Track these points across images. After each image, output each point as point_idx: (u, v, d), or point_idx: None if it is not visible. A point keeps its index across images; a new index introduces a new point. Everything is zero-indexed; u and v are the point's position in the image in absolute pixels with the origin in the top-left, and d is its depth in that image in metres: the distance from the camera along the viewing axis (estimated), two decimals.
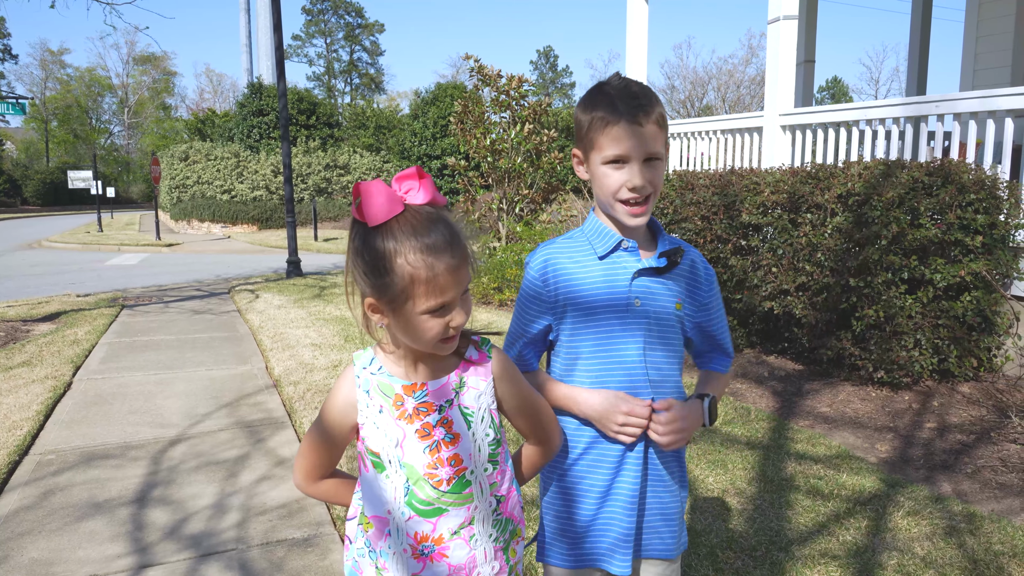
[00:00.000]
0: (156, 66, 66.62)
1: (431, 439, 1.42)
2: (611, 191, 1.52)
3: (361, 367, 1.46)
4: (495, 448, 1.48)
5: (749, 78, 46.82)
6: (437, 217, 1.32)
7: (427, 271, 1.28)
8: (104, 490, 3.71)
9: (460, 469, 1.44)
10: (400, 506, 1.43)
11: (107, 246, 20.60)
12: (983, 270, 4.55)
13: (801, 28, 9.86)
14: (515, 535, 1.55)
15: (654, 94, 1.54)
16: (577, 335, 1.60)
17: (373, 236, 1.30)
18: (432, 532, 1.43)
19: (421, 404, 1.43)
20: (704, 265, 1.66)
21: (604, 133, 1.50)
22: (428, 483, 1.42)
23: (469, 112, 10.68)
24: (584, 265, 1.58)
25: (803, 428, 4.41)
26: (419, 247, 1.28)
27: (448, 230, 1.32)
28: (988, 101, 5.41)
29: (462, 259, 1.32)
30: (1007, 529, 3.12)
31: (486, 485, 1.47)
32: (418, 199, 1.32)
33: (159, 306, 9.52)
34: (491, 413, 1.48)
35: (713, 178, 6.15)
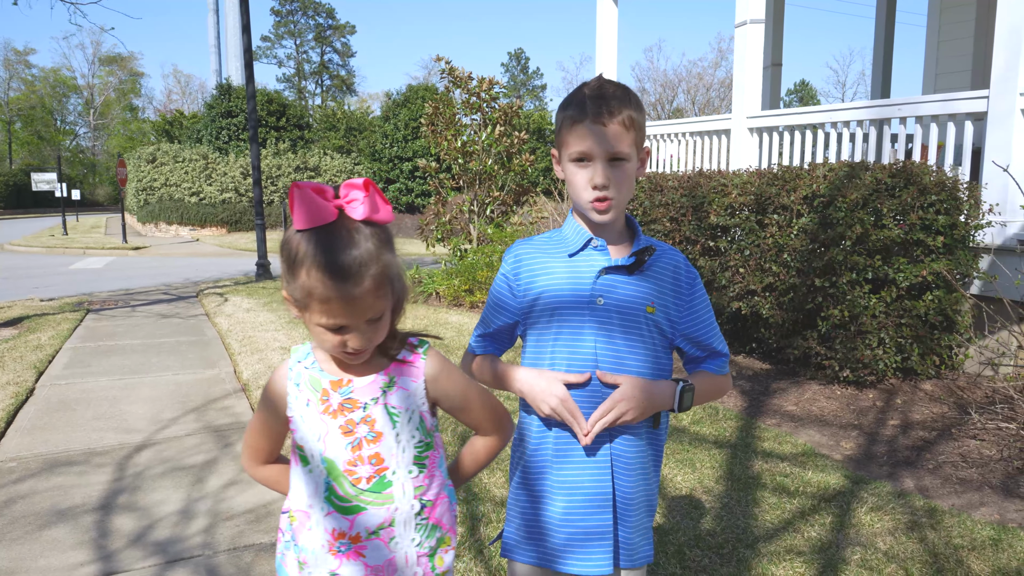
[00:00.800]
0: (122, 67, 65.70)
1: (353, 436, 1.43)
2: (577, 188, 1.56)
3: (296, 360, 1.48)
4: (422, 451, 1.48)
5: (719, 81, 47.32)
6: (361, 240, 1.30)
7: (323, 291, 1.28)
8: (68, 497, 3.65)
9: (381, 468, 1.44)
10: (320, 501, 1.44)
11: (72, 249, 20.27)
12: (944, 270, 4.64)
13: (768, 32, 9.98)
14: (443, 543, 1.53)
15: (629, 97, 1.56)
16: (543, 331, 1.63)
17: (294, 236, 1.31)
18: (349, 529, 1.43)
19: (346, 400, 1.43)
20: (687, 268, 1.66)
21: (570, 131, 1.54)
22: (347, 479, 1.43)
23: (440, 114, 10.67)
24: (554, 262, 1.62)
25: (770, 427, 4.46)
26: (322, 266, 1.27)
27: (363, 257, 1.29)
28: (949, 104, 5.52)
29: (369, 290, 1.30)
30: (967, 523, 3.18)
31: (410, 488, 1.46)
32: (356, 213, 1.30)
33: (125, 310, 9.39)
34: (420, 415, 1.48)
35: (682, 180, 6.20)
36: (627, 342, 1.59)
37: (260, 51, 66.08)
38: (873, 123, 6.16)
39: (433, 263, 12.97)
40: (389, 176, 28.03)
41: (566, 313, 1.59)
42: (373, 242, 1.31)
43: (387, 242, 1.35)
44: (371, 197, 1.31)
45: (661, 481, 3.63)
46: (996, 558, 2.90)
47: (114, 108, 66.62)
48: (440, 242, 10.72)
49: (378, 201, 1.32)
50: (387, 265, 1.33)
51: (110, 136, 65.98)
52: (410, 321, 7.82)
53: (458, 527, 3.21)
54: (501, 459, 3.95)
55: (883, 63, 10.40)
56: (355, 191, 1.31)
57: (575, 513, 1.60)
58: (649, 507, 1.69)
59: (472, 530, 3.19)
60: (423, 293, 9.51)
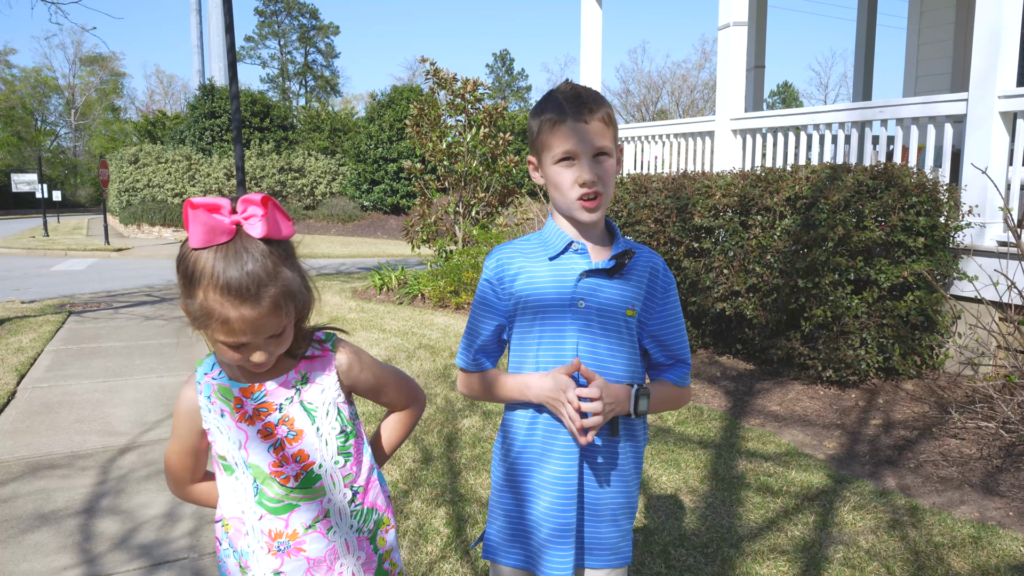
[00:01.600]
0: (104, 67, 65.09)
1: (274, 438, 1.44)
2: (564, 189, 1.56)
3: (202, 373, 1.47)
4: (344, 441, 1.50)
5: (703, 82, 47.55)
6: (259, 259, 1.27)
7: (221, 312, 1.27)
8: (50, 501, 3.62)
9: (307, 464, 1.46)
10: (252, 506, 1.45)
11: (53, 251, 20.07)
12: (925, 271, 4.69)
13: (751, 34, 10.05)
14: (381, 524, 1.57)
15: (602, 97, 1.59)
16: (526, 334, 1.64)
17: (190, 253, 1.28)
18: (285, 528, 1.45)
19: (261, 405, 1.44)
20: (664, 272, 1.67)
21: (552, 133, 1.55)
22: (275, 481, 1.44)
23: (425, 115, 10.66)
24: (535, 265, 1.62)
25: (754, 426, 4.50)
26: (219, 287, 1.25)
27: (262, 277, 1.27)
28: (929, 107, 5.58)
29: (268, 309, 1.28)
30: (947, 521, 3.22)
31: (338, 477, 1.49)
32: (254, 231, 1.27)
33: (108, 312, 9.32)
34: (338, 406, 1.49)
35: (666, 181, 6.24)
36: (608, 345, 1.61)
37: (244, 51, 65.76)
38: (855, 125, 6.22)
39: (418, 264, 12.96)
40: (374, 177, 27.95)
41: (548, 316, 1.60)
42: (271, 260, 1.29)
43: (286, 258, 1.33)
44: (270, 214, 1.28)
45: (647, 481, 3.66)
46: (976, 555, 2.94)
47: (95, 108, 65.97)
48: (425, 243, 10.71)
49: (278, 217, 1.29)
50: (286, 283, 1.30)
51: (92, 137, 65.32)
52: (396, 323, 7.81)
53: (444, 528, 3.22)
54: (484, 459, 3.96)
55: (865, 65, 10.49)
56: (253, 207, 1.28)
57: (552, 510, 1.61)
58: (629, 510, 1.69)
59: (458, 531, 3.20)
60: (408, 295, 9.50)
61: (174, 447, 1.54)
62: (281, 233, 1.30)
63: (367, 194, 28.28)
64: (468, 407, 4.88)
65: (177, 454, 1.54)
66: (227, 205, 1.27)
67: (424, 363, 6.07)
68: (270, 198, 1.29)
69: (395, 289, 10.05)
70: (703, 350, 6.17)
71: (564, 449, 1.60)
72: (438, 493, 3.59)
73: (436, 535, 3.17)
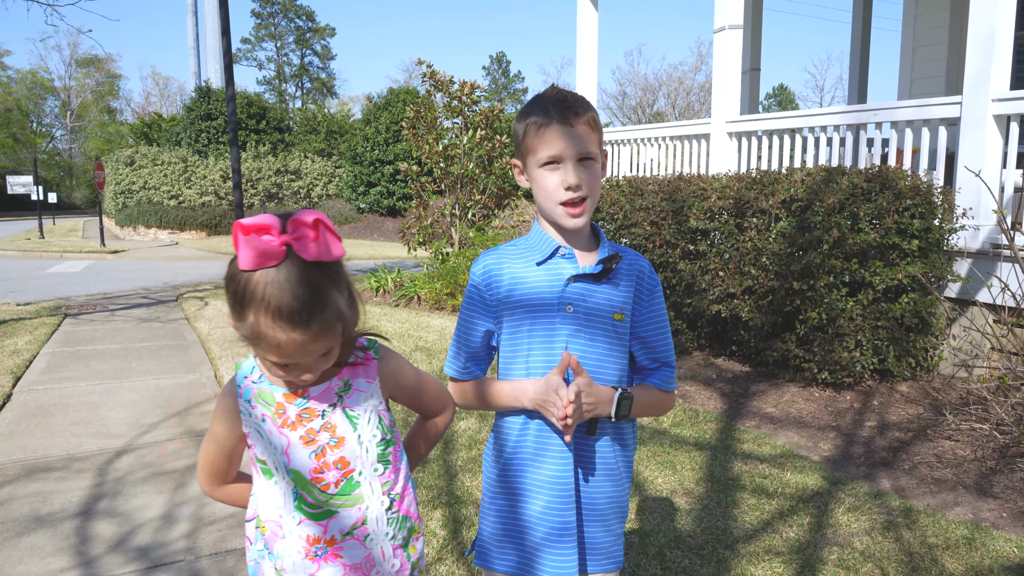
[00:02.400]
0: (100, 68, 65.02)
1: (315, 444, 1.44)
2: (549, 192, 1.56)
3: (242, 376, 1.47)
4: (384, 448, 1.50)
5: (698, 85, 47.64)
6: (310, 284, 1.26)
7: (271, 335, 1.26)
8: (47, 503, 3.62)
9: (348, 471, 1.46)
10: (290, 511, 1.45)
11: (49, 253, 20.03)
12: (919, 273, 4.71)
13: (747, 37, 10.08)
14: (413, 532, 1.58)
15: (588, 101, 1.60)
16: (515, 340, 1.64)
17: (240, 275, 1.27)
18: (323, 534, 1.45)
19: (303, 411, 1.43)
20: (650, 274, 1.68)
21: (537, 136, 1.56)
22: (316, 487, 1.44)
23: (421, 117, 10.67)
24: (523, 271, 1.62)
25: (750, 428, 4.51)
26: (269, 311, 1.24)
27: (313, 302, 1.25)
28: (923, 110, 5.60)
29: (318, 333, 1.28)
30: (941, 522, 3.24)
31: (377, 485, 1.49)
32: (306, 254, 1.25)
33: (104, 314, 9.31)
34: (379, 414, 1.50)
35: (662, 184, 6.25)
36: (597, 349, 1.61)
37: (240, 54, 65.70)
38: (850, 128, 6.25)
39: (414, 266, 12.96)
40: (370, 179, 27.94)
41: (537, 321, 1.60)
42: (322, 284, 1.27)
43: (336, 280, 1.31)
44: (321, 237, 1.26)
45: (642, 483, 3.67)
46: (970, 557, 2.95)
47: (91, 110, 65.86)
48: (422, 245, 10.72)
49: (328, 240, 1.27)
50: (336, 306, 1.30)
51: (87, 138, 65.19)
52: (393, 325, 7.82)
53: (441, 531, 3.23)
54: (480, 462, 3.97)
55: (860, 68, 10.53)
56: (304, 229, 1.25)
57: (549, 511, 1.61)
58: (620, 513, 1.70)
59: (454, 534, 3.21)
60: (404, 297, 9.50)
61: (209, 448, 1.53)
62: (332, 255, 1.27)
63: (363, 196, 28.27)
64: (464, 409, 4.88)
65: (212, 456, 1.53)
66: (277, 225, 1.25)
67: (420, 365, 6.08)
68: (321, 219, 1.26)
69: (391, 291, 10.06)
70: (699, 352, 6.19)
71: (559, 451, 1.61)
72: (434, 495, 3.60)
73: (432, 537, 3.18)
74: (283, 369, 1.34)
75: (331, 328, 1.30)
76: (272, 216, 1.26)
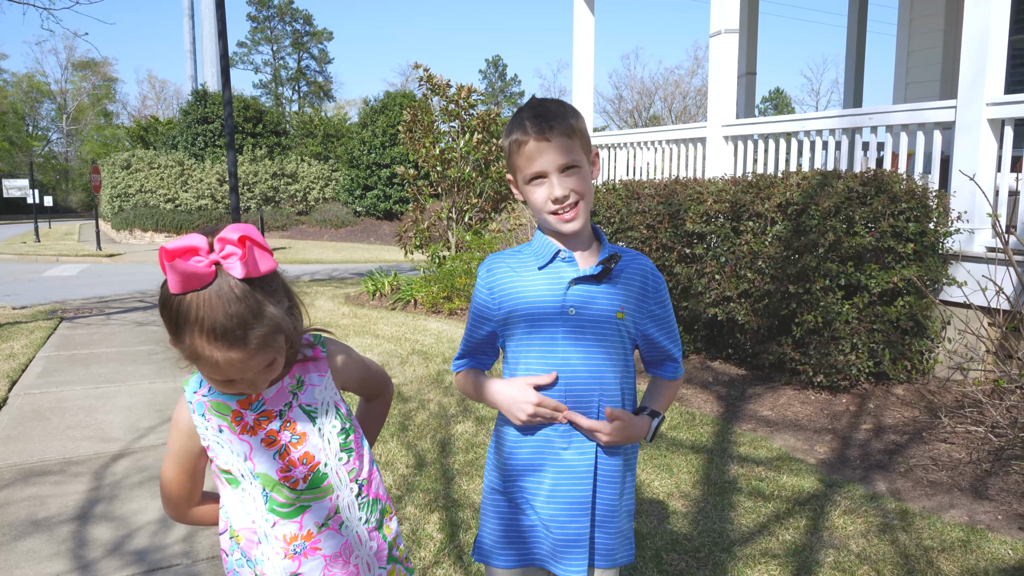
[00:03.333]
0: (96, 72, 64.95)
1: (278, 444, 1.46)
2: (539, 207, 1.60)
3: (191, 392, 1.47)
4: (345, 438, 1.53)
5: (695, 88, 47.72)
6: (242, 301, 1.25)
7: (209, 355, 1.27)
8: (44, 507, 3.62)
9: (314, 465, 1.48)
10: (263, 514, 1.47)
11: (45, 257, 20.00)
12: (915, 276, 4.73)
13: (742, 41, 10.11)
14: (385, 513, 1.61)
15: (565, 109, 1.60)
16: (519, 343, 1.67)
17: (171, 299, 1.26)
18: (299, 530, 1.47)
19: (261, 414, 1.45)
20: (654, 274, 1.70)
21: (519, 154, 1.59)
22: (284, 486, 1.46)
23: (418, 121, 10.69)
24: (525, 276, 1.65)
25: (746, 431, 4.52)
26: (204, 332, 1.24)
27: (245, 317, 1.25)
28: (918, 114, 5.63)
29: (256, 349, 1.28)
30: (937, 525, 3.25)
31: (344, 474, 1.52)
32: (235, 271, 1.24)
33: (100, 318, 9.30)
34: (335, 404, 1.52)
35: (658, 187, 6.27)
36: (600, 350, 1.63)
37: (237, 57, 65.68)
38: (845, 132, 6.27)
39: (411, 270, 12.97)
40: (367, 183, 27.95)
41: (539, 324, 1.63)
42: (254, 299, 1.26)
43: (271, 292, 1.31)
44: (248, 255, 1.25)
45: (639, 486, 3.68)
46: (965, 559, 2.96)
47: (88, 114, 65.76)
48: (418, 249, 10.73)
49: (256, 256, 1.26)
50: (272, 320, 1.29)
51: (84, 142, 65.11)
52: (389, 328, 7.82)
53: (438, 534, 3.23)
54: (477, 465, 3.97)
55: (855, 72, 10.56)
56: (230, 246, 1.25)
57: (556, 520, 1.63)
58: (628, 512, 1.74)
59: (452, 537, 3.21)
60: (401, 300, 9.51)
61: (172, 471, 1.52)
62: (260, 271, 1.27)
63: (360, 199, 28.28)
64: (461, 412, 4.89)
65: (175, 477, 1.52)
66: (204, 245, 1.24)
67: (417, 369, 6.08)
68: (248, 236, 1.25)
69: (388, 295, 10.06)
70: (695, 355, 6.20)
71: (573, 459, 1.63)
72: (431, 499, 3.60)
73: (430, 540, 3.18)
74: (227, 386, 1.36)
75: (269, 342, 1.30)
76: (199, 236, 1.25)
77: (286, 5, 66.42)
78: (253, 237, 1.26)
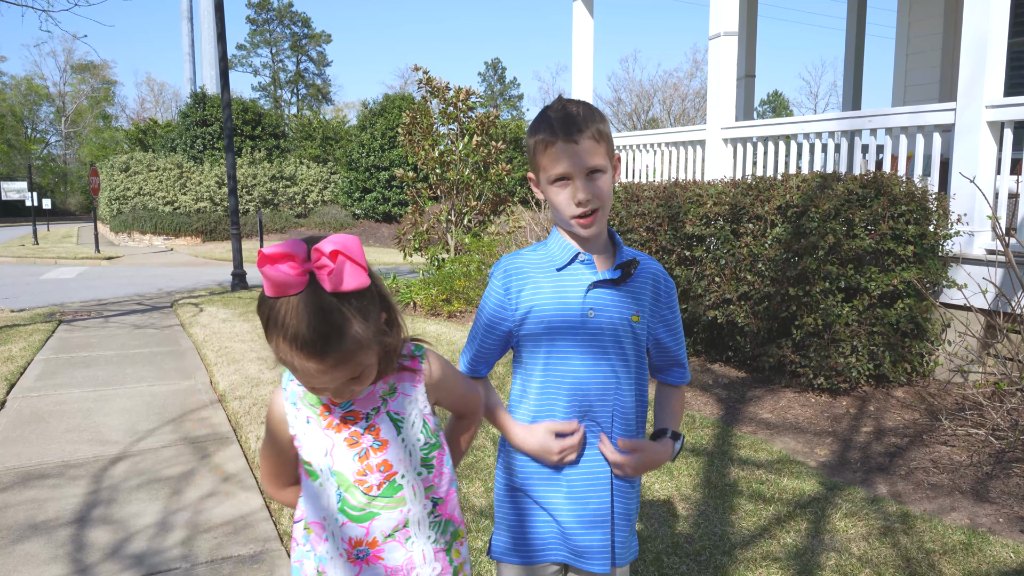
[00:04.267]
0: (95, 75, 64.93)
1: (359, 446, 1.45)
2: (561, 208, 1.59)
3: (288, 379, 1.49)
4: (428, 452, 1.51)
5: (694, 91, 47.75)
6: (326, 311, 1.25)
7: (291, 361, 1.29)
8: (42, 511, 3.61)
9: (391, 474, 1.47)
10: (334, 512, 1.47)
11: (43, 259, 19.99)
12: (914, 279, 4.73)
13: (741, 44, 10.12)
14: (457, 536, 1.58)
15: (593, 112, 1.60)
16: (536, 344, 1.65)
17: (265, 300, 1.28)
18: (365, 536, 1.46)
19: (348, 413, 1.45)
20: (665, 279, 1.71)
21: (545, 155, 1.58)
22: (359, 489, 1.45)
23: (417, 124, 10.69)
24: (543, 276, 1.64)
25: (746, 434, 4.51)
26: (287, 338, 1.26)
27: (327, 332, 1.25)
28: (918, 116, 5.63)
29: (334, 363, 1.29)
30: (938, 527, 3.24)
31: (420, 488, 1.50)
32: (325, 283, 1.25)
33: (98, 321, 9.28)
34: (424, 418, 1.51)
35: (657, 190, 6.27)
36: (618, 354, 1.64)
37: (235, 60, 65.71)
38: (844, 134, 6.27)
39: (410, 272, 12.95)
40: (366, 185, 27.94)
41: (557, 327, 1.62)
42: (339, 315, 1.27)
43: (362, 309, 1.30)
44: (337, 269, 1.25)
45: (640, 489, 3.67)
46: (966, 562, 2.96)
47: (86, 116, 65.72)
48: (417, 251, 10.72)
49: (345, 273, 1.26)
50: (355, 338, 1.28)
51: (82, 144, 65.04)
52: None
53: None
54: (477, 468, 3.96)
55: (854, 75, 10.57)
56: (324, 258, 1.25)
57: (574, 531, 1.64)
58: (637, 510, 1.76)
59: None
60: (400, 303, 9.49)
61: (265, 451, 1.58)
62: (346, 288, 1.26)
63: (359, 202, 28.27)
64: None
65: (268, 459, 1.59)
66: (301, 253, 1.25)
67: None
68: (341, 249, 1.25)
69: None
70: (695, 358, 6.19)
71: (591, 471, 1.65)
72: None
73: None
74: (311, 389, 1.38)
75: (350, 358, 1.30)
76: (297, 243, 1.26)
77: (285, 8, 66.48)
78: (347, 251, 1.25)
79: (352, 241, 1.26)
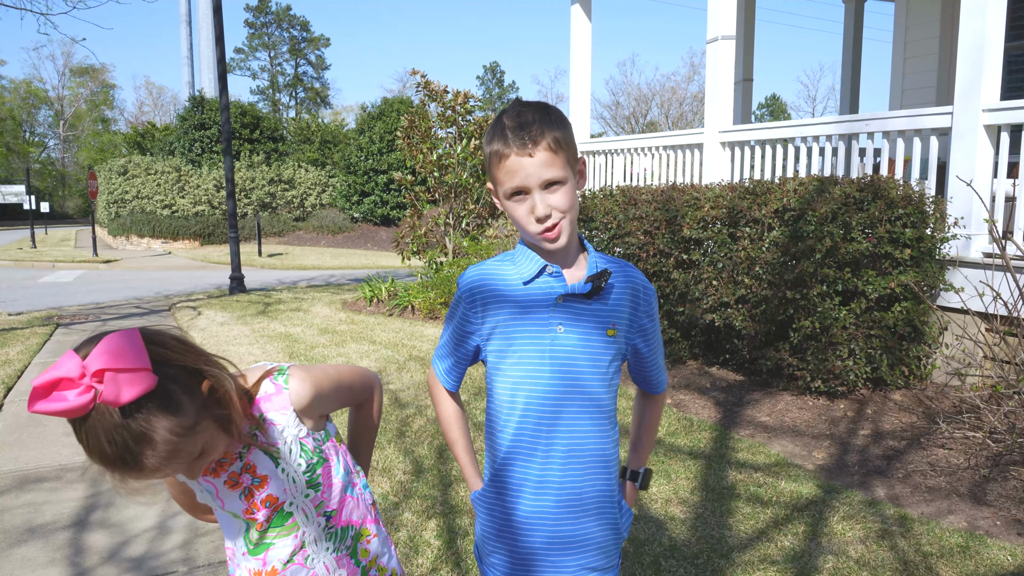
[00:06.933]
0: (94, 78, 64.90)
1: (241, 487, 1.43)
2: (520, 222, 1.51)
3: None
4: (312, 474, 1.47)
5: (691, 95, 47.86)
6: (123, 426, 1.14)
7: (111, 480, 1.24)
8: (39, 514, 3.60)
9: (278, 505, 1.45)
10: (241, 541, 1.49)
11: (41, 263, 19.97)
12: (912, 282, 4.74)
13: (739, 47, 10.14)
14: (360, 537, 1.57)
15: (550, 118, 1.49)
16: (504, 360, 1.57)
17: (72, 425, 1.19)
18: (263, 567, 1.47)
19: (221, 456, 1.40)
20: (645, 288, 1.62)
21: (499, 168, 1.49)
22: (252, 526, 1.46)
23: (416, 127, 10.70)
24: (510, 289, 1.56)
25: (744, 437, 4.52)
26: (99, 462, 1.20)
27: (128, 445, 1.15)
28: (914, 120, 5.64)
29: (153, 469, 1.20)
30: (936, 530, 3.25)
31: (310, 509, 1.49)
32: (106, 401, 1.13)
33: (96, 324, 9.28)
34: (301, 442, 1.45)
35: (655, 193, 6.27)
36: (589, 367, 1.55)
37: (234, 63, 65.73)
38: (842, 138, 6.28)
39: (408, 276, 12.96)
40: (364, 189, 27.95)
41: (524, 342, 1.54)
42: (137, 424, 1.15)
43: (163, 404, 1.18)
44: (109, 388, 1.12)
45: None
46: (964, 565, 2.96)
47: (85, 120, 65.70)
48: (416, 255, 10.73)
49: (121, 387, 1.12)
50: (165, 438, 1.18)
51: (81, 148, 64.98)
52: (387, 334, 7.81)
53: (435, 540, 3.22)
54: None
55: (851, 78, 10.60)
56: (90, 380, 1.12)
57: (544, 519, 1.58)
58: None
59: (450, 543, 3.20)
60: (398, 306, 9.50)
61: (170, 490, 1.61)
62: (124, 401, 1.13)
63: (357, 205, 28.28)
64: None
65: (175, 496, 1.62)
66: (75, 372, 1.11)
67: (414, 375, 6.07)
68: (105, 366, 1.11)
69: (385, 301, 10.05)
70: (692, 361, 6.20)
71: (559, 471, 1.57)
72: (429, 505, 3.59)
73: (427, 547, 3.17)
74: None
75: (173, 457, 1.20)
76: (71, 358, 1.13)
77: (283, 11, 66.51)
78: (115, 363, 1.11)
79: (122, 343, 1.14)
